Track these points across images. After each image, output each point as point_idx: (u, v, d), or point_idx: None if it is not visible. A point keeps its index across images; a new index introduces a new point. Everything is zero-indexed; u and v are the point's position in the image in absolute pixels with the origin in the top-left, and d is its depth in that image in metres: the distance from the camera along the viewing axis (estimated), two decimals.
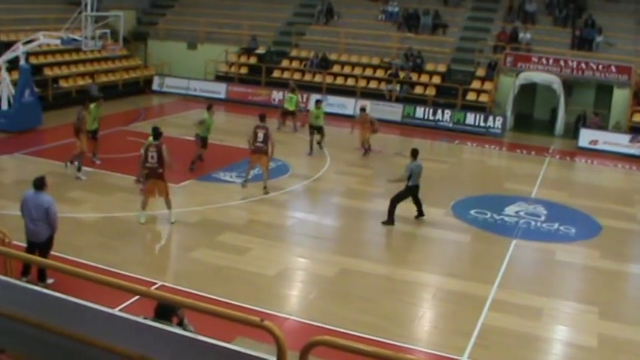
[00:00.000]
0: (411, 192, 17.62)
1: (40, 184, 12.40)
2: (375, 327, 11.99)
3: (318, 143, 24.93)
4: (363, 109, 25.58)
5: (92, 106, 20.98)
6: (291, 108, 27.85)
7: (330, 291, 13.68)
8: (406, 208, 18.94)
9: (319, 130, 24.90)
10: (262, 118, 19.93)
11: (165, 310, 7.36)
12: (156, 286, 13.07)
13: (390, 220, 17.41)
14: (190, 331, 7.16)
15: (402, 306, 13.21)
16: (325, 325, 11.85)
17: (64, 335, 5.44)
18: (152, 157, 16.07)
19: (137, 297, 10.28)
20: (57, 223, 12.42)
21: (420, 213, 17.95)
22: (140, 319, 5.51)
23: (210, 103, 22.29)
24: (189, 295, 12.23)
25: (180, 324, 7.54)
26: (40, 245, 12.23)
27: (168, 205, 16.38)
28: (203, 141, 21.10)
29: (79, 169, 19.66)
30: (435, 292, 13.97)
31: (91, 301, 5.52)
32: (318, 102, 25.80)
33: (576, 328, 12.95)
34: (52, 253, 12.77)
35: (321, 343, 4.74)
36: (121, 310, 6.31)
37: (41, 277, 12.29)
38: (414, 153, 17.60)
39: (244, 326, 4.93)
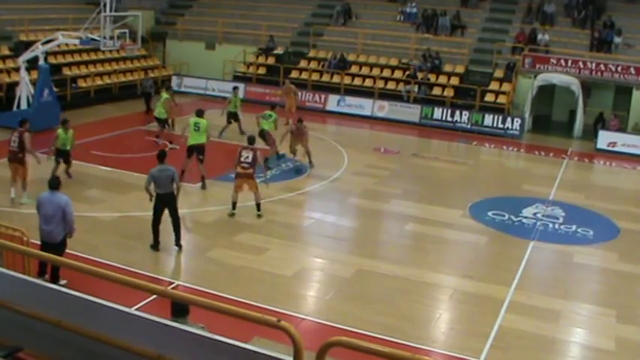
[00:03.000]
0: (162, 201, 14.70)
1: (55, 183, 12.45)
2: (392, 328, 11.97)
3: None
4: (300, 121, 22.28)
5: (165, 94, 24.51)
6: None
7: (346, 292, 13.67)
8: (422, 208, 18.92)
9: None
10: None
11: (181, 309, 7.37)
12: (173, 286, 13.13)
13: (154, 247, 14.94)
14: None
15: (419, 307, 13.19)
16: (342, 326, 11.86)
17: (82, 334, 5.46)
18: (14, 142, 17.25)
19: (154, 296, 10.32)
20: (74, 223, 12.43)
21: (177, 239, 15.04)
22: (157, 319, 5.51)
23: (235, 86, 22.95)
24: (206, 295, 12.26)
25: None
26: (55, 246, 12.05)
27: (24, 187, 17.28)
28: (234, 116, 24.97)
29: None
30: (452, 293, 13.93)
31: (108, 299, 5.53)
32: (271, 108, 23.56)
33: (594, 330, 12.88)
34: (69, 251, 12.82)
35: (337, 344, 4.73)
36: (137, 309, 6.32)
37: (54, 279, 12.15)
38: (160, 156, 14.87)
39: (261, 326, 4.93)
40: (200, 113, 19.68)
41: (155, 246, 14.89)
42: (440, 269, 15.08)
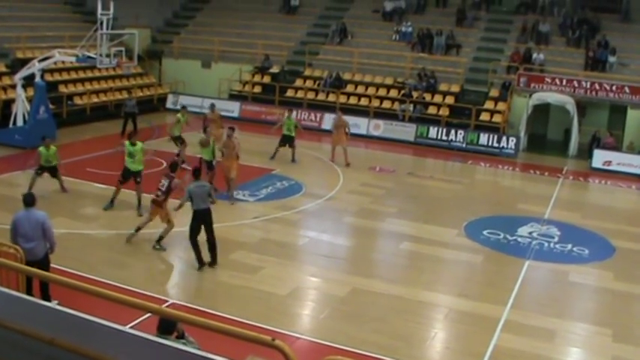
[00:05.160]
0: (200, 217, 14.96)
1: (31, 200, 12.11)
2: (387, 347, 11.93)
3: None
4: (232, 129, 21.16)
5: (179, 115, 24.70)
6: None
7: (341, 311, 13.63)
8: (417, 227, 18.92)
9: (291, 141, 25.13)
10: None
11: (168, 326, 7.35)
12: (167, 304, 13.07)
13: (200, 264, 15.01)
14: (192, 343, 7.19)
15: (414, 326, 13.15)
16: (337, 345, 11.80)
17: (76, 352, 5.43)
18: None
19: (148, 314, 10.27)
20: (54, 237, 12.18)
21: (213, 259, 15.21)
22: (151, 337, 5.50)
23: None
24: (201, 313, 12.22)
25: (182, 337, 7.50)
26: (39, 263, 11.74)
27: None
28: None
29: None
30: (447, 312, 13.90)
31: (103, 317, 5.51)
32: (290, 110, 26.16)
33: (590, 350, 12.86)
34: (64, 268, 12.78)
35: None
36: (132, 327, 6.30)
37: (45, 299, 11.94)
38: (195, 173, 15.28)
39: (256, 345, 4.92)
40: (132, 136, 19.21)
41: (200, 265, 14.94)
42: (435, 288, 15.04)
